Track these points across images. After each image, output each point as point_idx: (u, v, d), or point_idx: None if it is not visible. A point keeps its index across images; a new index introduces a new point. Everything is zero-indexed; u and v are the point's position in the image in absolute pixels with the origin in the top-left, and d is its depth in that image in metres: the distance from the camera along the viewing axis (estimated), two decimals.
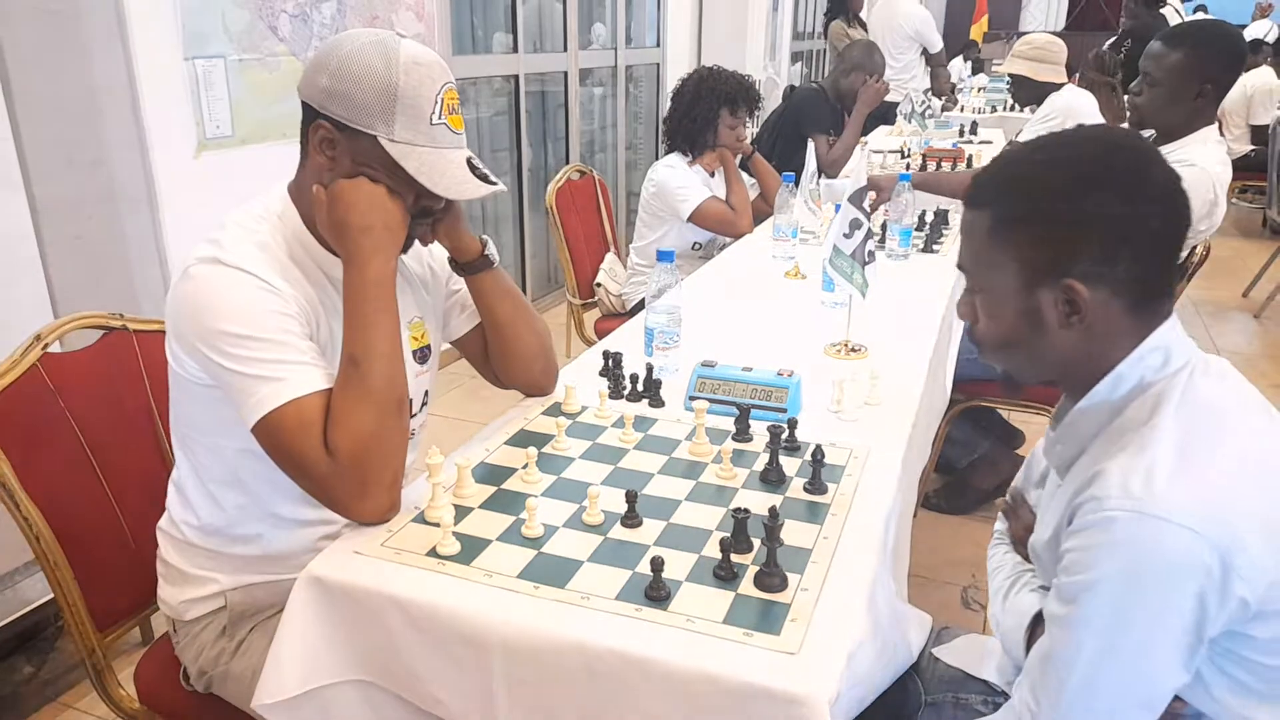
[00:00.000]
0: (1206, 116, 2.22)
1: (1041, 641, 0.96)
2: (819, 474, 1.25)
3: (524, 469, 1.28)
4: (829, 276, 1.89)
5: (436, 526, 1.13)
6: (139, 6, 2.18)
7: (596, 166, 4.43)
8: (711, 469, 1.31)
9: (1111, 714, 0.91)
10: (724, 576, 1.05)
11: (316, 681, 1.09)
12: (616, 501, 1.18)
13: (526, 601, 1.03)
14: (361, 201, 1.15)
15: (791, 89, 5.77)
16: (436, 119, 1.16)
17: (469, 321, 1.47)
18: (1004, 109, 6.11)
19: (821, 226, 2.75)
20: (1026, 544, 1.14)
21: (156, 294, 2.33)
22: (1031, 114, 4.18)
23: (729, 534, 1.09)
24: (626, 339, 1.84)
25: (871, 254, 1.74)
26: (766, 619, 0.99)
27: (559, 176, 2.99)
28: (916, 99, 5.26)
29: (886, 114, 5.15)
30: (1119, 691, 0.90)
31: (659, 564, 1.02)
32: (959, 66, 8.53)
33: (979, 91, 7.34)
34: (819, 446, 1.27)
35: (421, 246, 1.35)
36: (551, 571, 1.07)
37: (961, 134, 4.95)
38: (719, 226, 2.87)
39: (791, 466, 1.30)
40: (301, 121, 1.19)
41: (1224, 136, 2.80)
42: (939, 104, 5.85)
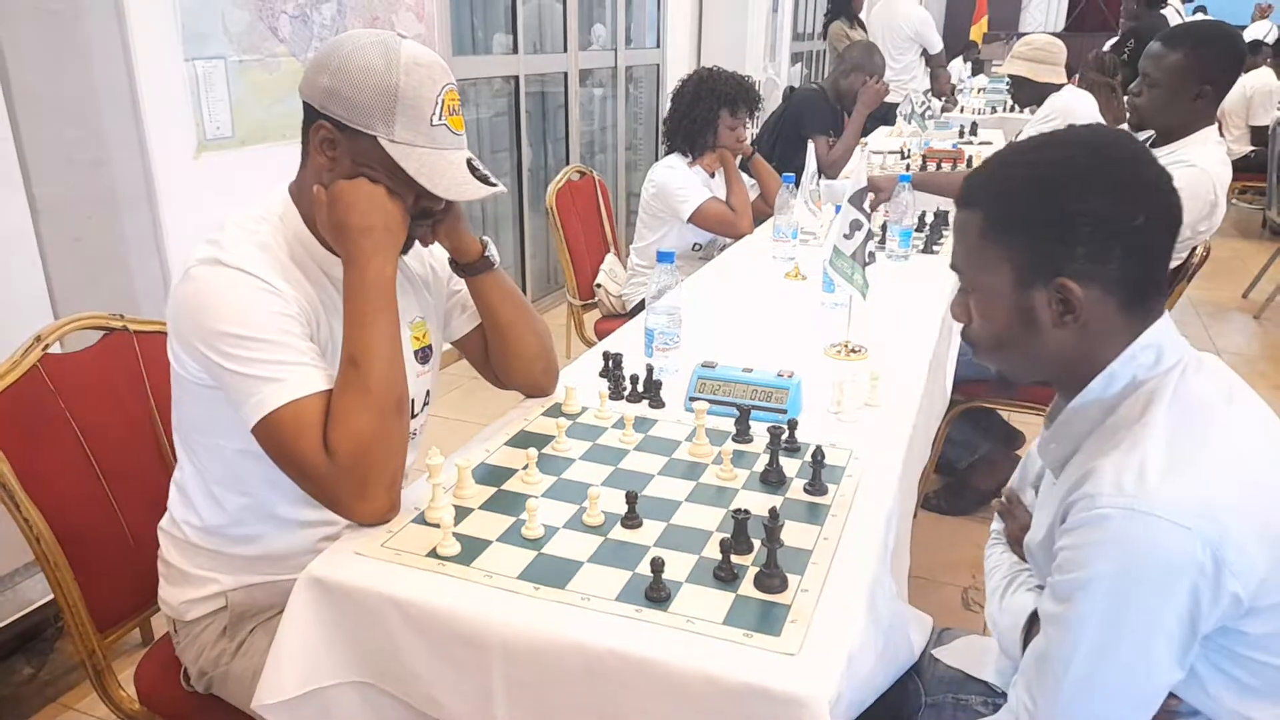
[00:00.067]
0: (1206, 117, 2.22)
1: (1037, 640, 0.97)
2: (819, 475, 1.25)
3: (524, 470, 1.28)
4: (829, 277, 1.89)
5: (436, 527, 1.13)
6: (139, 7, 2.18)
7: (596, 167, 4.43)
8: (712, 470, 1.31)
9: (1108, 711, 0.91)
10: (724, 577, 1.05)
11: (316, 682, 1.09)
12: (617, 502, 1.18)
13: (526, 602, 1.02)
14: (361, 202, 1.15)
15: (791, 90, 5.78)
16: (437, 120, 1.16)
17: (470, 322, 1.47)
18: (1004, 110, 6.10)
19: (821, 227, 2.75)
20: (1022, 543, 1.14)
21: (156, 295, 2.33)
22: (1031, 115, 4.18)
23: (729, 535, 1.09)
24: (626, 340, 1.84)
25: (872, 255, 1.74)
26: (767, 620, 0.99)
27: (559, 177, 2.99)
28: (916, 100, 5.27)
29: (886, 115, 5.16)
30: (1115, 689, 0.90)
31: (659, 565, 1.02)
32: (959, 67, 8.53)
33: (979, 92, 7.35)
34: (819, 447, 1.27)
35: (422, 247, 1.35)
36: (551, 572, 1.07)
37: (961, 135, 4.95)
38: (719, 227, 2.87)
39: (792, 467, 1.30)
40: (302, 122, 1.19)
41: (1223, 137, 2.80)
42: (939, 105, 5.86)
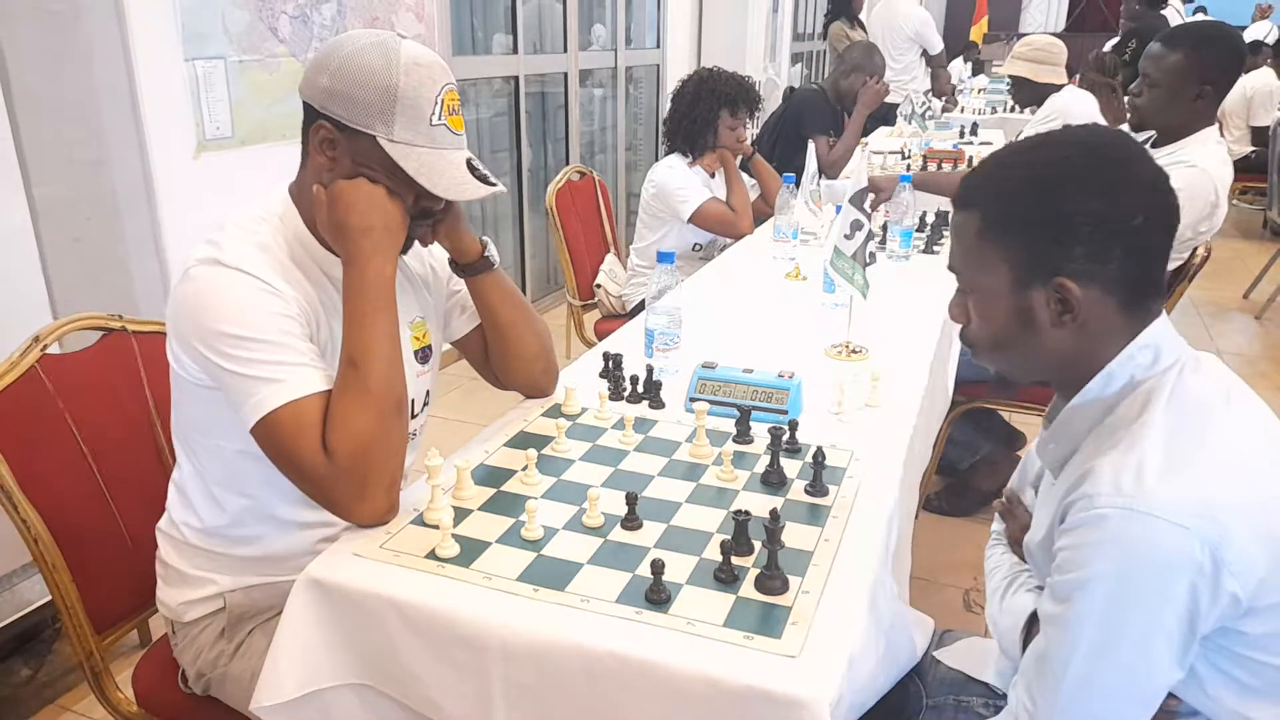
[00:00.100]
0: (1206, 117, 2.22)
1: (1037, 641, 0.97)
2: (820, 476, 1.24)
3: (524, 471, 1.28)
4: (830, 278, 1.89)
5: (436, 529, 1.12)
6: (139, 7, 2.17)
7: (596, 167, 4.42)
8: (712, 471, 1.30)
9: (1107, 712, 0.91)
10: (725, 579, 1.05)
11: (315, 684, 1.09)
12: (616, 504, 1.18)
13: (526, 604, 1.02)
14: (361, 202, 1.14)
15: (791, 90, 5.77)
16: (436, 120, 1.15)
17: (469, 322, 1.47)
18: (1004, 110, 6.11)
19: (822, 228, 2.74)
20: (1022, 544, 1.14)
21: (155, 295, 2.33)
22: (1032, 115, 4.18)
23: (729, 536, 1.08)
24: (626, 340, 1.83)
25: (872, 255, 1.74)
26: (767, 622, 0.98)
27: (559, 177, 2.99)
28: (917, 100, 5.27)
29: (887, 115, 5.16)
30: (1114, 689, 0.90)
31: (659, 567, 1.02)
32: (959, 68, 8.53)
33: (979, 93, 7.35)
34: (820, 448, 1.27)
35: (422, 247, 1.34)
36: (551, 574, 1.07)
37: (962, 135, 4.95)
38: (719, 227, 2.87)
39: (792, 468, 1.29)
40: (302, 122, 1.19)
41: (1224, 138, 2.80)
42: (939, 105, 5.86)
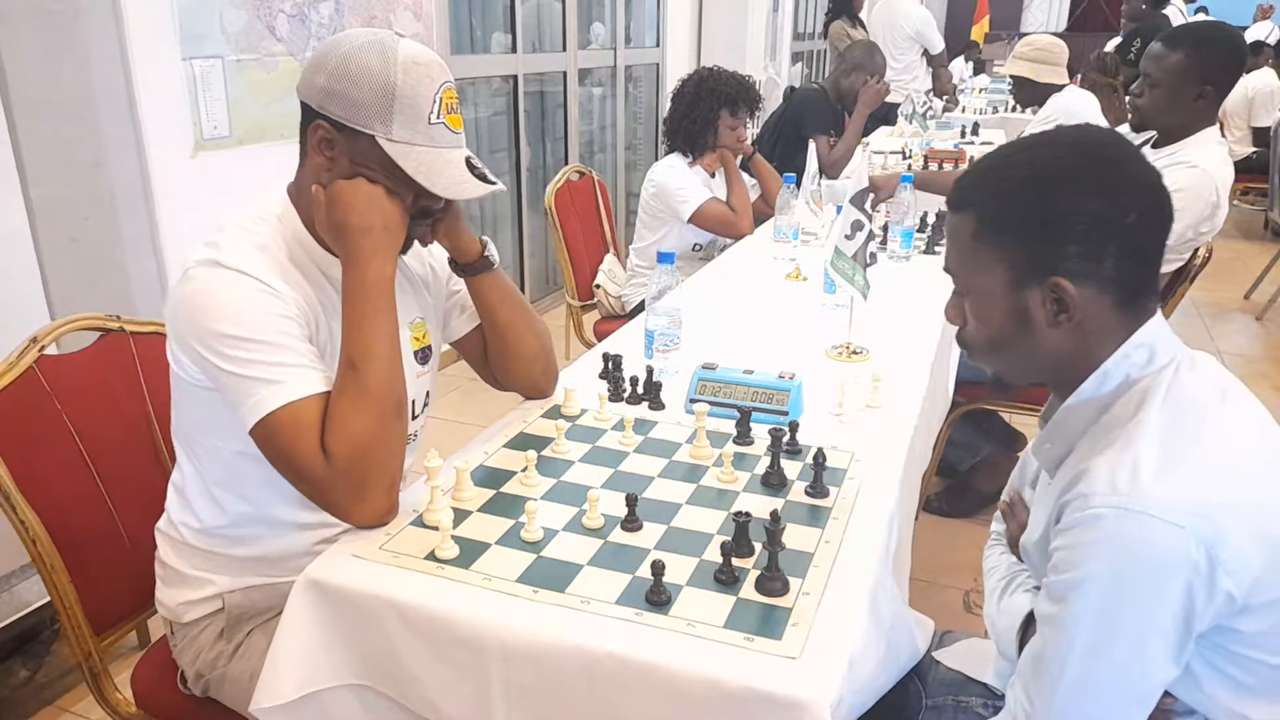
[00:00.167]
0: (1207, 118, 2.21)
1: (1033, 641, 0.96)
2: (820, 477, 1.24)
3: (523, 472, 1.28)
4: (830, 278, 1.88)
5: (435, 530, 1.12)
6: (137, 7, 2.17)
7: (596, 167, 4.42)
8: (712, 472, 1.30)
9: (1104, 711, 0.91)
10: (725, 580, 1.04)
11: (314, 685, 1.08)
12: (616, 505, 1.17)
13: (526, 605, 1.02)
14: (360, 202, 1.14)
15: (792, 90, 5.77)
16: (435, 118, 1.15)
17: (469, 322, 1.47)
18: (1005, 110, 6.10)
19: (822, 228, 2.74)
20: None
21: (153, 295, 2.32)
22: (1033, 115, 4.18)
23: (730, 538, 1.08)
24: (626, 341, 1.83)
25: (873, 256, 1.73)
26: (768, 623, 0.98)
27: (558, 177, 2.98)
28: (918, 100, 5.27)
29: (887, 115, 5.16)
30: (1111, 688, 0.90)
31: (659, 568, 1.01)
32: (960, 67, 8.53)
33: (980, 92, 7.35)
34: (820, 449, 1.27)
35: (422, 247, 1.34)
36: (551, 575, 1.06)
37: (963, 135, 4.94)
38: (719, 228, 2.86)
39: (793, 470, 1.29)
40: (300, 122, 1.18)
41: (1225, 138, 2.80)
42: (940, 105, 5.86)
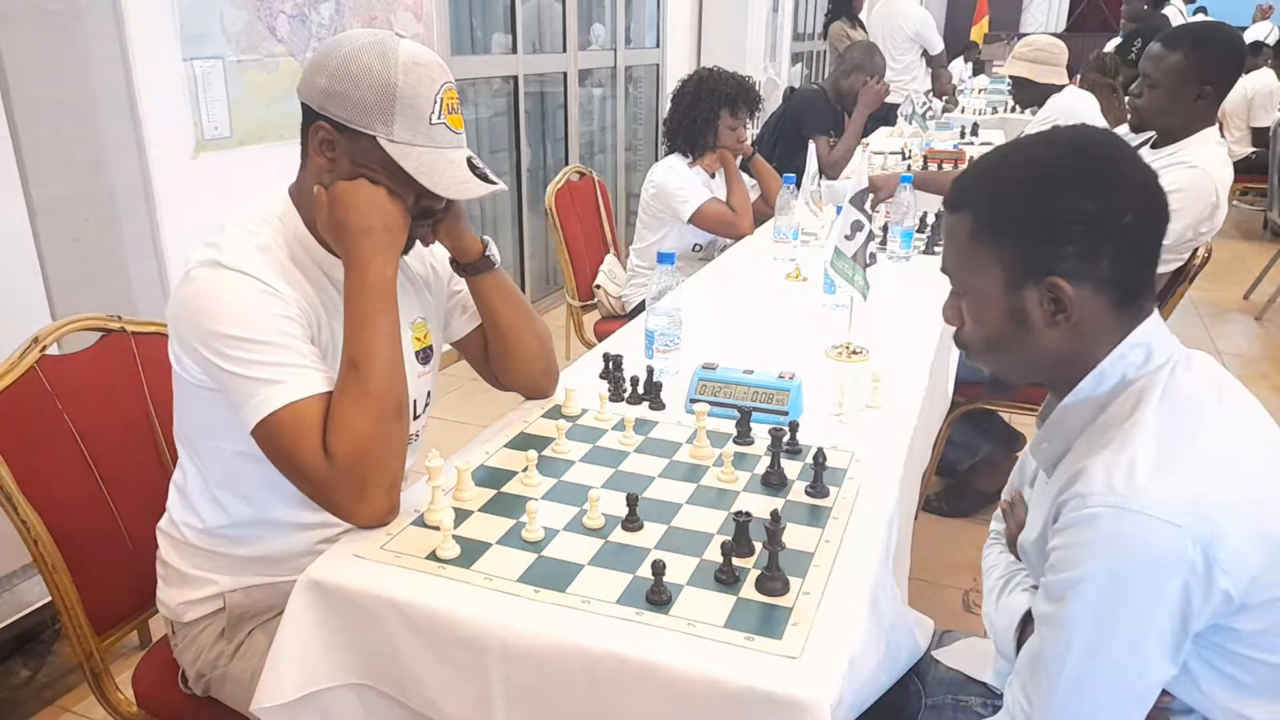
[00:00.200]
0: (1207, 118, 2.22)
1: (1031, 641, 0.97)
2: (820, 477, 1.24)
3: (524, 472, 1.28)
4: (830, 278, 1.89)
5: (436, 530, 1.12)
6: (137, 7, 2.17)
7: (596, 168, 4.42)
8: (713, 472, 1.30)
9: (1102, 710, 0.91)
10: (725, 580, 1.05)
11: (315, 685, 1.08)
12: (617, 505, 1.18)
13: (526, 605, 1.02)
14: (362, 203, 1.14)
15: (792, 90, 5.77)
16: (436, 119, 1.15)
17: (470, 322, 1.47)
18: (1005, 110, 6.10)
19: (822, 228, 2.74)
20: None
21: (154, 295, 2.32)
22: (1032, 115, 4.18)
23: (730, 537, 1.08)
24: (626, 341, 1.83)
25: (873, 256, 1.73)
26: (768, 623, 0.98)
27: (558, 178, 2.99)
28: (917, 100, 5.27)
29: (887, 115, 5.16)
30: (1109, 687, 0.90)
31: (660, 568, 1.02)
32: (959, 68, 8.53)
33: (980, 93, 7.35)
34: (820, 449, 1.27)
35: (423, 247, 1.34)
36: (552, 575, 1.07)
37: (962, 135, 4.95)
38: (719, 228, 2.86)
39: (793, 469, 1.29)
40: (301, 123, 1.19)
41: (1224, 138, 2.80)
42: (940, 105, 5.86)
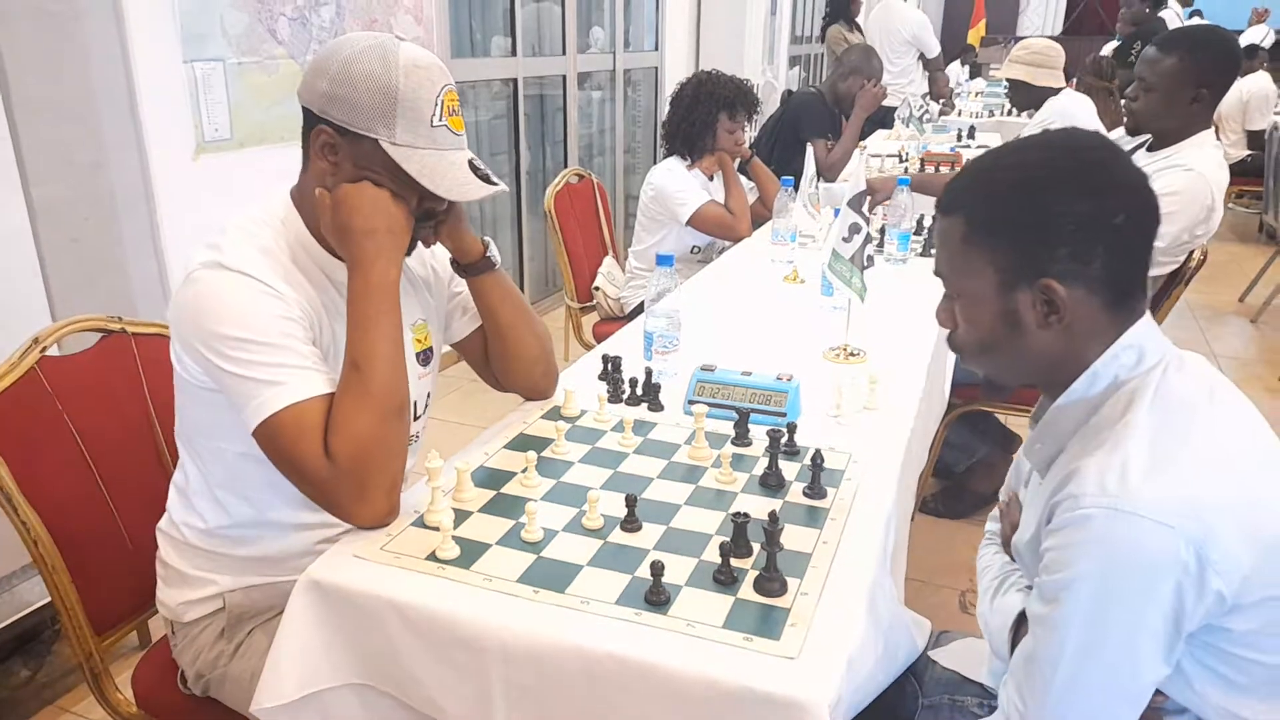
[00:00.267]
0: (1202, 121, 2.23)
1: (1025, 641, 0.97)
2: (818, 478, 1.25)
3: (523, 473, 1.28)
4: (828, 281, 1.89)
5: (436, 530, 1.13)
6: (138, 9, 2.17)
7: (595, 170, 4.42)
8: (711, 473, 1.30)
9: (1095, 710, 0.92)
10: (724, 581, 1.05)
11: (315, 685, 1.09)
12: (616, 506, 1.18)
13: (526, 606, 1.02)
14: (365, 205, 1.15)
15: (789, 93, 5.78)
16: (437, 121, 1.16)
17: (470, 324, 1.47)
18: (1002, 113, 6.12)
19: (820, 231, 2.75)
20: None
21: (154, 296, 2.33)
22: (1029, 118, 4.19)
23: (728, 538, 1.08)
24: (625, 343, 1.84)
25: (870, 258, 1.74)
26: (766, 623, 0.98)
27: (557, 180, 2.99)
28: (914, 103, 5.28)
29: (884, 118, 5.17)
30: (1102, 687, 0.91)
31: (659, 568, 1.02)
32: (956, 71, 8.55)
33: (976, 96, 7.37)
34: (818, 451, 1.27)
35: (424, 248, 1.35)
36: (551, 576, 1.07)
37: (959, 138, 4.96)
38: (717, 230, 2.87)
39: (791, 471, 1.30)
40: (302, 127, 1.19)
41: (1220, 141, 2.81)
42: (937, 108, 5.87)
